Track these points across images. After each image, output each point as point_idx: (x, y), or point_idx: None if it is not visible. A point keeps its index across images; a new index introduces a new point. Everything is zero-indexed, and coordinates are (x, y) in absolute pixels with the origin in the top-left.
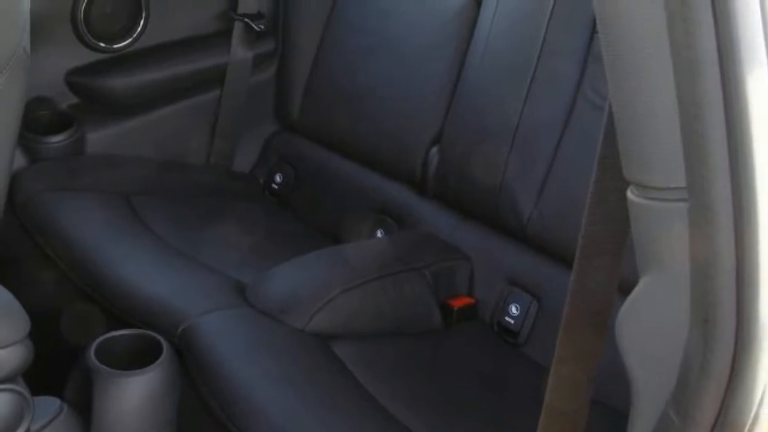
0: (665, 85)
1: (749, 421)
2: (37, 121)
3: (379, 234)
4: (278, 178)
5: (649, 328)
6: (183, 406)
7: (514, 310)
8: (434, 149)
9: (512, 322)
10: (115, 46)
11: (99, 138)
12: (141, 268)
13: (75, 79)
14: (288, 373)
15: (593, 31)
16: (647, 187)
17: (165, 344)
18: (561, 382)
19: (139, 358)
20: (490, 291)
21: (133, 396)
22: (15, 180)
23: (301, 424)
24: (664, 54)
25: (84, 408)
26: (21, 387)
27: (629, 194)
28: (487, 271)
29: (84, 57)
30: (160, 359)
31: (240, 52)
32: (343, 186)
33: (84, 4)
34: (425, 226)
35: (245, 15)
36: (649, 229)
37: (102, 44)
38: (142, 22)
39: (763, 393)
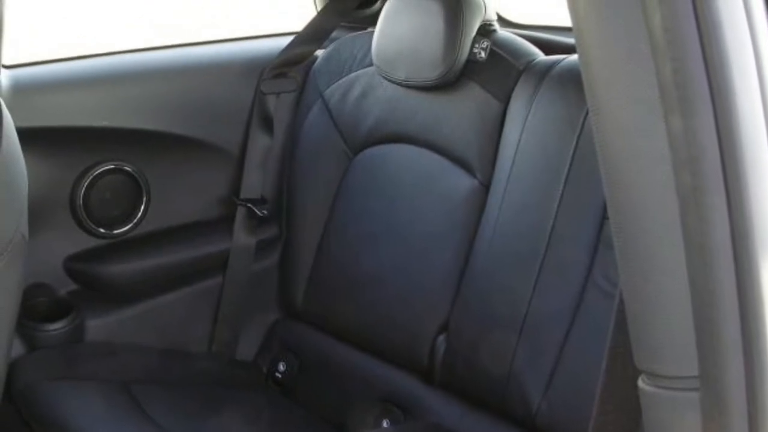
0: (677, 270)
1: None
2: (35, 308)
3: (385, 424)
4: (281, 367)
5: None
6: None
7: None
8: (441, 337)
9: None
10: (115, 231)
11: (98, 325)
12: None
13: (74, 266)
14: None
15: (604, 216)
16: (659, 376)
17: None
18: None
19: None
20: None
21: None
22: (13, 368)
23: None
24: (677, 239)
25: None
26: None
27: (640, 383)
28: None
29: (83, 243)
30: None
31: (242, 237)
32: (347, 374)
33: (83, 189)
34: (432, 416)
35: (248, 200)
36: (661, 418)
37: (101, 230)
38: (142, 207)
39: None
